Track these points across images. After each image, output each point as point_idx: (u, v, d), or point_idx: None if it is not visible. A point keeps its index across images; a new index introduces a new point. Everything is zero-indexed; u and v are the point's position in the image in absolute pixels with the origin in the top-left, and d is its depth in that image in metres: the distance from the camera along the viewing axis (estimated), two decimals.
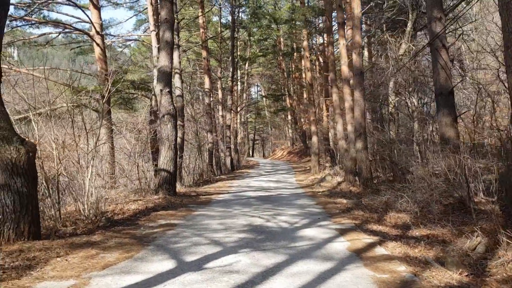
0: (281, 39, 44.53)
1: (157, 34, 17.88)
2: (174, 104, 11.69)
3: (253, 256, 5.64)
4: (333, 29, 22.60)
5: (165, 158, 11.49)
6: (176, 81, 20.02)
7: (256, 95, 68.42)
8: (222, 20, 34.17)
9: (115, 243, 6.34)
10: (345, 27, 18.58)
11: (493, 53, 12.17)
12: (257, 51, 41.76)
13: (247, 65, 42.84)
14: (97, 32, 15.27)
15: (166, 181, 11.44)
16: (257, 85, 64.82)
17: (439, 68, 11.93)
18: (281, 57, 45.97)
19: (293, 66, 47.37)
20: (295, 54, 43.82)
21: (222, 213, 9.44)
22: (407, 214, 8.98)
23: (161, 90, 11.49)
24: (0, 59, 6.21)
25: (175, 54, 20.31)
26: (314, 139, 25.14)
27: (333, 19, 21.06)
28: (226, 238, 6.74)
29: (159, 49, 11.83)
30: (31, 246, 5.76)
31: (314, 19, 22.52)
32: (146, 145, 14.12)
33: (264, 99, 62.34)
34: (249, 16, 31.48)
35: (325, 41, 28.48)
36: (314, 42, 37.36)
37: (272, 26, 34.83)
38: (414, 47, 17.07)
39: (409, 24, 17.70)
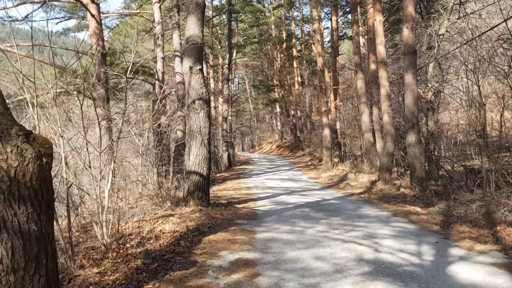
0: (273, 26, 41.84)
1: (160, 7, 15.00)
2: (207, 86, 8.84)
3: None
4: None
5: (196, 157, 8.58)
6: (177, 65, 17.30)
7: (237, 87, 65.36)
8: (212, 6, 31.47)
9: None
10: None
11: None
12: (241, 40, 38.96)
13: (235, 53, 40.05)
14: (92, 0, 12.27)
15: (198, 187, 8.52)
16: (236, 76, 61.65)
17: None
18: (269, 46, 43.36)
19: (279, 56, 44.68)
20: (284, 44, 41.51)
21: (295, 236, 6.73)
22: None
23: (190, 68, 8.56)
24: None
25: (176, 35, 17.54)
26: (326, 131, 22.59)
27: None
28: None
29: (188, 14, 8.93)
30: None
31: None
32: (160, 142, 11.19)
33: (248, 90, 59.44)
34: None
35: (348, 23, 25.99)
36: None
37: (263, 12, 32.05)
38: (461, 24, 14.69)
39: None
